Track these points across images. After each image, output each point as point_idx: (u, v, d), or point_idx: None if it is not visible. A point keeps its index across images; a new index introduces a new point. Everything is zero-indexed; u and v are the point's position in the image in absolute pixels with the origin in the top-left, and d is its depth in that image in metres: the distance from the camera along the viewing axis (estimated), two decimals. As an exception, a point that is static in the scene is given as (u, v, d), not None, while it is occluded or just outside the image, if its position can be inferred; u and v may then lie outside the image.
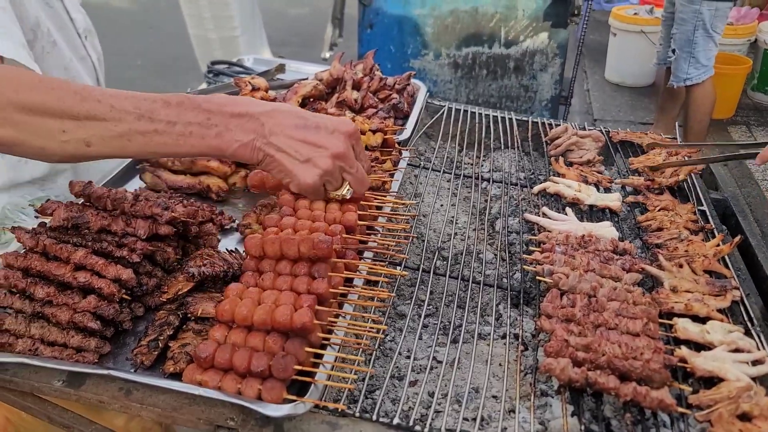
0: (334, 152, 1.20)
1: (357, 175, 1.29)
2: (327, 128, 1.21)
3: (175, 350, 1.28)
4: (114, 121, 1.11)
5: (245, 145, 1.17)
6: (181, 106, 1.14)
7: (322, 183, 1.24)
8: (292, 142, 1.18)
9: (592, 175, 2.11)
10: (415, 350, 1.52)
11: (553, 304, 1.54)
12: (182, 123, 1.13)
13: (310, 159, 1.19)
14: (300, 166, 1.19)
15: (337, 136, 1.21)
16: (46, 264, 1.33)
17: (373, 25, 4.31)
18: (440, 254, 1.88)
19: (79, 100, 1.10)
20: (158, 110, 1.13)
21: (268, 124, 1.17)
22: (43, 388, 1.25)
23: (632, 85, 7.04)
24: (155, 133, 1.12)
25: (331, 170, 1.22)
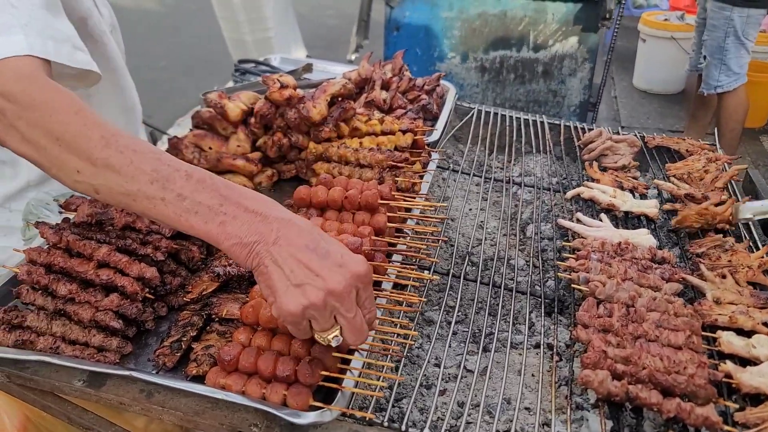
0: (330, 288, 1.03)
1: (353, 323, 1.07)
2: (336, 260, 1.05)
3: (198, 352, 1.24)
4: (126, 178, 1.05)
5: (245, 245, 1.04)
6: (201, 183, 1.06)
7: (306, 317, 1.06)
8: (293, 261, 1.03)
9: (627, 181, 2.04)
10: (444, 358, 1.47)
11: (589, 313, 1.48)
12: (192, 200, 1.05)
13: (301, 284, 1.03)
14: (288, 289, 1.03)
15: (342, 272, 1.04)
16: (69, 260, 1.30)
17: (399, 28, 4.27)
18: (469, 259, 1.83)
19: (103, 146, 1.06)
20: (175, 180, 1.05)
21: (277, 233, 1.04)
22: (63, 387, 1.22)
23: (661, 92, 6.92)
24: (161, 201, 1.05)
25: (319, 306, 1.03)
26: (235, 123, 1.86)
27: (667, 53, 6.62)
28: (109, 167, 1.05)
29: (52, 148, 1.07)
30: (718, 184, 2.00)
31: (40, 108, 1.08)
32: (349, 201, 1.52)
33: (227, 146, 1.86)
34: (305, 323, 1.07)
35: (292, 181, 1.90)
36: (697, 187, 2.01)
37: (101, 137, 1.07)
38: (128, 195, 1.06)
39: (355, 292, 1.06)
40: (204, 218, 1.04)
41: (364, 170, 1.72)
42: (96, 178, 1.06)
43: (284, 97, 1.78)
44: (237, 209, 1.05)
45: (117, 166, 1.05)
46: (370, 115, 1.94)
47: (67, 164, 1.07)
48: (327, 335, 1.08)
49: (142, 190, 1.05)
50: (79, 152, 1.06)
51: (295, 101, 1.79)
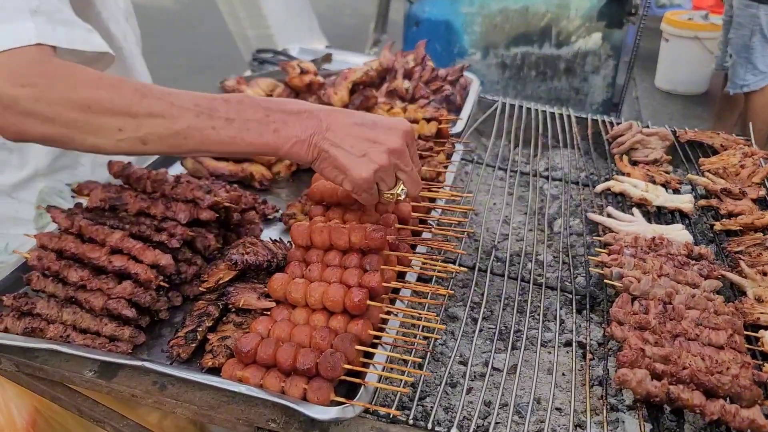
0: (391, 147, 1.15)
1: (412, 175, 1.21)
2: (384, 125, 1.17)
3: (214, 343, 1.18)
4: (172, 119, 1.09)
5: (302, 141, 1.13)
6: (241, 103, 1.13)
7: (376, 180, 1.17)
8: (349, 138, 1.14)
9: (659, 175, 1.96)
10: (470, 356, 1.40)
11: (624, 309, 1.40)
12: (241, 120, 1.11)
13: (366, 153, 1.14)
14: (355, 161, 1.14)
15: (394, 133, 1.17)
16: (81, 246, 1.24)
17: (419, 23, 4.21)
18: (495, 255, 1.75)
19: (140, 98, 1.08)
20: (217, 107, 1.11)
21: (326, 120, 1.14)
22: (73, 377, 1.16)
23: (684, 92, 6.79)
24: (212, 130, 1.10)
25: (387, 166, 1.15)
26: (253, 110, 1.80)
27: (691, 53, 6.50)
28: (151, 115, 1.08)
29: (84, 117, 1.07)
30: (755, 180, 1.92)
31: (62, 85, 1.07)
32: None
33: (245, 134, 1.80)
34: (375, 187, 1.18)
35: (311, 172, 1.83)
36: (733, 182, 1.92)
37: (135, 90, 1.09)
38: (179, 134, 1.09)
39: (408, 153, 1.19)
40: (258, 132, 1.11)
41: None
42: (141, 129, 1.08)
43: (304, 82, 1.72)
44: (283, 115, 1.13)
45: (160, 112, 1.08)
46: (393, 105, 1.88)
47: (105, 126, 1.08)
48: (395, 190, 1.20)
49: (191, 125, 1.09)
50: (116, 111, 1.07)
51: (316, 87, 1.73)
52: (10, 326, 1.18)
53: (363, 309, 1.16)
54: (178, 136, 1.09)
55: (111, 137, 1.09)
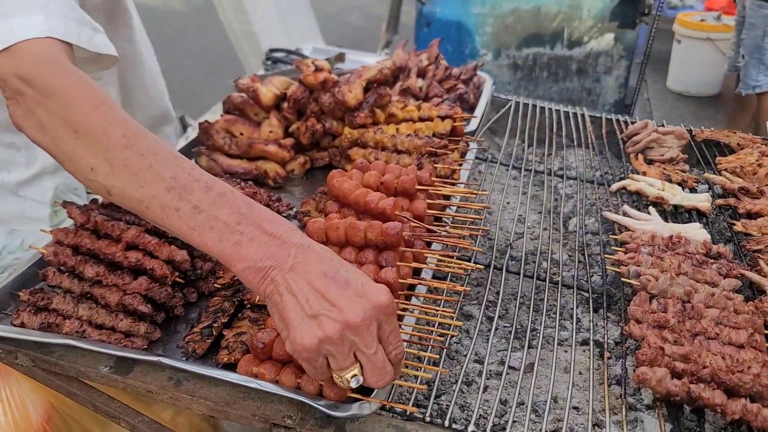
0: (347, 319, 0.93)
1: (373, 360, 0.96)
2: (356, 290, 0.95)
3: (229, 339, 1.17)
4: (142, 182, 0.99)
5: (258, 269, 0.96)
6: (222, 197, 0.99)
7: (322, 353, 0.96)
8: (309, 289, 0.94)
9: (676, 174, 1.94)
10: (485, 354, 1.39)
11: (642, 308, 1.38)
12: (208, 215, 0.98)
13: (317, 315, 0.94)
14: (303, 321, 0.94)
15: (361, 303, 0.94)
16: (97, 242, 1.24)
17: (430, 24, 4.20)
18: (510, 253, 1.74)
19: (122, 146, 1.00)
20: (193, 190, 0.99)
21: (294, 258, 0.96)
22: (89, 373, 1.16)
23: (697, 94, 6.75)
24: (176, 212, 0.98)
25: (336, 340, 0.93)
26: (267, 108, 1.80)
27: (704, 54, 6.45)
28: (126, 169, 0.99)
29: (69, 141, 1.01)
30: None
31: (59, 96, 1.02)
32: (386, 186, 1.45)
33: (259, 132, 1.80)
34: (322, 360, 0.97)
35: (325, 169, 1.83)
36: (751, 181, 1.90)
37: (122, 136, 1.01)
38: (142, 201, 1.00)
39: (377, 326, 0.96)
40: (218, 235, 0.97)
41: (401, 156, 1.65)
42: (110, 179, 1.00)
43: (319, 80, 1.72)
44: (255, 230, 0.98)
45: (135, 169, 0.99)
46: (407, 103, 1.87)
47: (82, 160, 1.01)
48: (346, 374, 0.97)
49: (157, 197, 0.98)
50: (96, 149, 1.00)
51: (330, 85, 1.73)
52: (26, 321, 1.18)
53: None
54: (141, 203, 1.00)
55: (83, 173, 1.03)
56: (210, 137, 1.77)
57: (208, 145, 1.78)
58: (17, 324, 1.19)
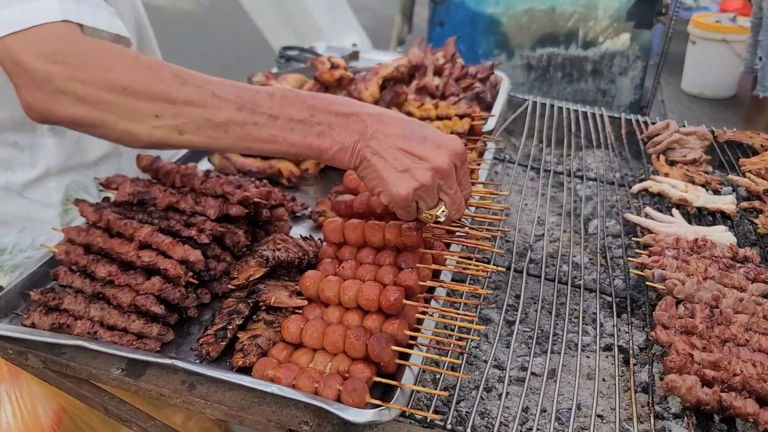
0: (436, 165, 1.05)
1: (454, 197, 1.10)
2: (434, 141, 1.07)
3: (244, 342, 1.14)
4: (213, 109, 1.02)
5: (346, 148, 1.05)
6: (286, 99, 1.05)
7: (415, 198, 1.07)
8: (394, 149, 1.05)
9: (699, 175, 1.89)
10: (506, 360, 1.35)
11: (668, 313, 1.34)
12: (285, 118, 1.04)
13: (408, 169, 1.05)
14: (396, 175, 1.05)
15: (443, 151, 1.06)
16: (109, 241, 1.21)
17: (443, 23, 4.15)
18: (529, 256, 1.70)
19: (179, 84, 1.02)
20: (261, 102, 1.04)
21: (372, 127, 1.06)
22: (100, 375, 1.13)
23: (712, 96, 6.67)
24: (254, 125, 1.03)
25: (429, 185, 1.06)
26: (282, 106, 1.76)
27: (719, 56, 6.38)
28: (191, 103, 1.02)
29: (120, 99, 1.01)
30: (799, 180, 1.84)
31: (96, 63, 1.02)
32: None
33: (274, 130, 1.76)
34: (414, 205, 1.09)
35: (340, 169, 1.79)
36: (777, 183, 1.85)
37: (174, 76, 1.03)
38: (218, 126, 1.03)
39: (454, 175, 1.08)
40: (302, 133, 1.04)
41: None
42: (179, 117, 1.03)
43: (335, 77, 1.68)
44: (329, 116, 1.05)
45: (200, 101, 1.02)
46: (423, 101, 1.83)
47: (140, 111, 1.02)
48: (435, 211, 1.10)
49: (232, 118, 1.03)
50: (154, 96, 1.02)
51: (346, 82, 1.69)
52: (37, 322, 1.15)
53: (399, 308, 1.12)
54: (218, 129, 1.03)
55: (146, 123, 1.03)
56: (223, 135, 1.73)
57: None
58: (28, 324, 1.16)
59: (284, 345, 1.13)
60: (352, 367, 1.07)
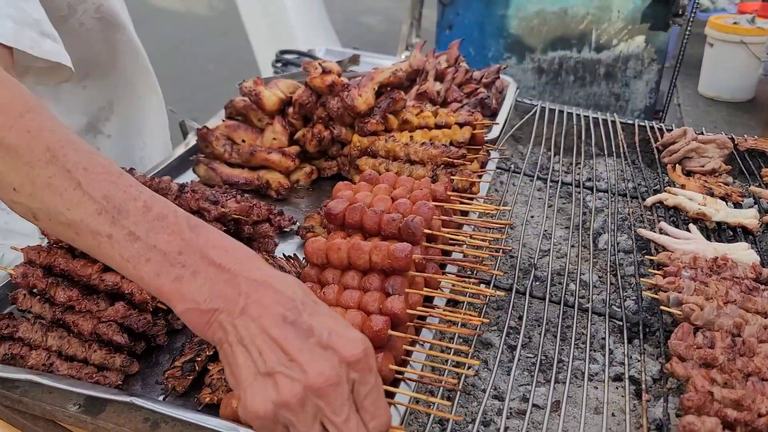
0: (311, 381, 0.74)
1: (344, 429, 0.76)
2: (320, 339, 0.77)
3: (214, 375, 1.03)
4: (69, 205, 0.84)
5: (202, 312, 0.79)
6: (161, 220, 0.83)
7: (280, 422, 0.77)
8: (263, 339, 0.77)
9: (718, 187, 1.77)
10: (506, 389, 1.23)
11: (685, 342, 1.22)
12: (145, 243, 0.82)
13: (272, 374, 0.76)
14: (256, 379, 0.77)
15: (327, 357, 0.76)
16: (72, 262, 1.11)
17: (452, 26, 4.05)
18: (533, 273, 1.58)
19: (47, 161, 0.84)
20: (129, 212, 0.83)
21: (247, 298, 0.79)
22: (56, 412, 1.03)
23: (729, 99, 6.48)
24: (108, 239, 0.82)
25: (294, 407, 0.74)
26: (271, 113, 1.67)
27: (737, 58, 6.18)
28: (50, 188, 0.84)
29: None
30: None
31: None
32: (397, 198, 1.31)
33: (262, 139, 1.67)
34: (280, 429, 0.77)
35: (333, 180, 1.68)
36: (803, 195, 1.72)
37: (46, 149, 0.85)
38: (70, 226, 0.84)
39: (350, 387, 0.77)
40: (156, 269, 0.81)
41: (415, 167, 1.50)
42: (34, 200, 0.86)
43: (326, 83, 1.58)
44: (199, 261, 0.81)
45: (60, 189, 0.84)
46: (423, 108, 1.73)
47: (4, 179, 0.87)
48: None
49: (85, 221, 0.83)
50: (18, 166, 0.85)
51: (339, 89, 1.59)
52: (-12, 352, 1.06)
53: (384, 340, 1.01)
54: (69, 228, 0.85)
55: (6, 193, 0.88)
56: (209, 144, 1.64)
57: (207, 153, 1.65)
58: (-22, 354, 1.07)
59: (257, 379, 1.03)
60: (331, 406, 0.96)
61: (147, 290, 0.85)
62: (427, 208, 1.23)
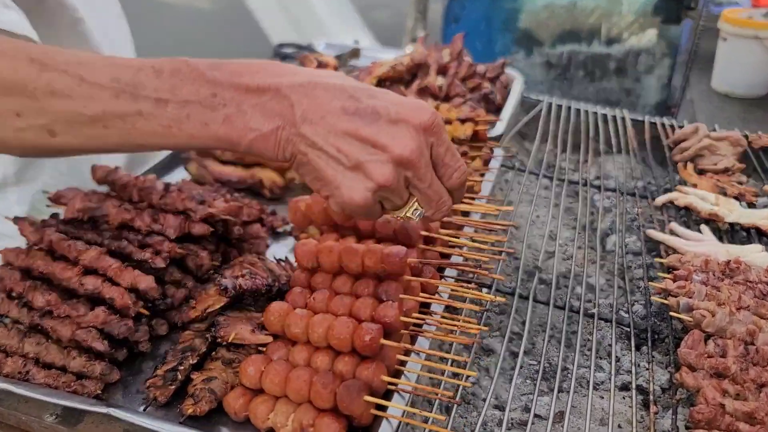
0: (398, 155, 0.79)
1: (429, 192, 0.84)
2: (389, 116, 0.79)
3: (197, 385, 0.98)
4: (83, 100, 0.80)
5: (265, 136, 0.80)
6: (177, 75, 0.81)
7: (376, 201, 0.84)
8: (335, 136, 0.79)
9: (732, 186, 1.70)
10: (507, 398, 1.17)
11: (695, 350, 1.16)
12: (177, 102, 0.80)
13: (359, 164, 0.79)
14: (345, 175, 0.80)
15: (404, 130, 0.79)
16: (51, 264, 1.07)
17: (458, 20, 3.97)
18: (538, 276, 1.52)
19: (38, 70, 0.80)
20: (144, 82, 0.81)
21: (301, 104, 0.79)
22: (31, 423, 0.98)
23: (743, 95, 6.36)
24: (139, 116, 0.80)
25: (392, 183, 0.80)
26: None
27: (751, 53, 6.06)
28: (55, 94, 0.80)
29: None
30: None
31: None
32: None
33: (257, 136, 1.61)
34: (377, 207, 0.85)
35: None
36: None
37: (30, 60, 0.81)
38: (95, 123, 0.81)
39: (429, 152, 0.83)
40: (201, 120, 0.80)
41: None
42: (43, 114, 0.82)
43: (322, 78, 1.52)
44: (236, 93, 0.80)
45: (66, 90, 0.80)
46: (422, 102, 1.66)
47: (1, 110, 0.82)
48: (404, 212, 0.88)
49: (108, 109, 0.80)
50: (9, 90, 0.81)
51: (336, 84, 1.53)
52: (-37, 359, 1.01)
53: (375, 349, 0.95)
54: (95, 125, 0.82)
55: (9, 125, 0.83)
56: (202, 141, 1.58)
57: (199, 150, 1.60)
58: (-47, 361, 1.02)
59: (243, 390, 0.98)
60: (318, 420, 0.91)
61: (205, 146, 0.84)
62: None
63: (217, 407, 0.98)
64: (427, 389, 0.96)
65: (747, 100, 6.61)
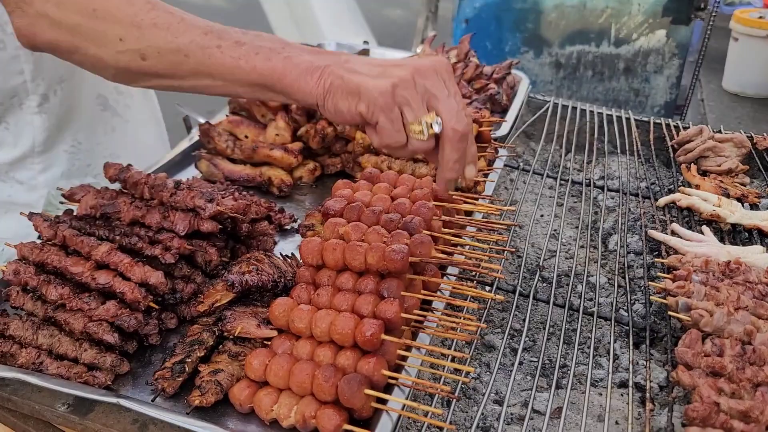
0: (415, 66, 0.98)
1: (448, 103, 0.99)
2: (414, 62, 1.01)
3: (204, 377, 1.01)
4: (176, 32, 1.00)
5: (315, 69, 0.98)
6: (259, 36, 1.03)
7: (398, 102, 0.97)
8: (369, 63, 1.01)
9: (734, 188, 1.71)
10: (507, 394, 1.20)
11: (693, 349, 1.18)
12: (251, 44, 1.00)
13: (384, 72, 0.98)
14: (371, 78, 0.98)
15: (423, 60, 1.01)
16: (64, 259, 1.10)
17: (469, 20, 3.99)
18: (540, 275, 1.55)
19: (149, 8, 1.01)
20: (231, 32, 1.02)
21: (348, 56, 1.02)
22: (44, 411, 1.02)
23: (754, 95, 6.33)
24: (217, 49, 1.00)
25: (408, 81, 0.97)
26: (274, 109, 1.64)
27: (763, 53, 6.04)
28: (156, 26, 1.00)
29: (89, 22, 1.01)
30: None
31: None
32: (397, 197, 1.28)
33: (265, 135, 1.64)
34: (397, 111, 0.98)
35: (337, 177, 1.66)
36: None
37: (146, 1, 1.02)
38: (179, 50, 1.00)
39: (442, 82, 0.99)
40: (266, 56, 0.99)
41: (417, 165, 1.47)
42: (141, 40, 1.01)
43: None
44: (300, 50, 1.01)
45: (166, 24, 1.01)
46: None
47: (107, 34, 1.01)
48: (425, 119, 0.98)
49: (195, 41, 1.00)
50: (121, 18, 1.01)
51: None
52: (-21, 349, 1.05)
53: (376, 344, 0.98)
54: (179, 52, 1.00)
55: (111, 47, 1.01)
56: (211, 140, 1.62)
57: (209, 149, 1.64)
58: (-29, 352, 1.06)
59: (248, 382, 1.01)
60: (320, 412, 0.94)
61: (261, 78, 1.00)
62: (427, 208, 1.20)
63: (223, 399, 1.01)
64: (425, 383, 0.98)
65: (758, 99, 6.57)
